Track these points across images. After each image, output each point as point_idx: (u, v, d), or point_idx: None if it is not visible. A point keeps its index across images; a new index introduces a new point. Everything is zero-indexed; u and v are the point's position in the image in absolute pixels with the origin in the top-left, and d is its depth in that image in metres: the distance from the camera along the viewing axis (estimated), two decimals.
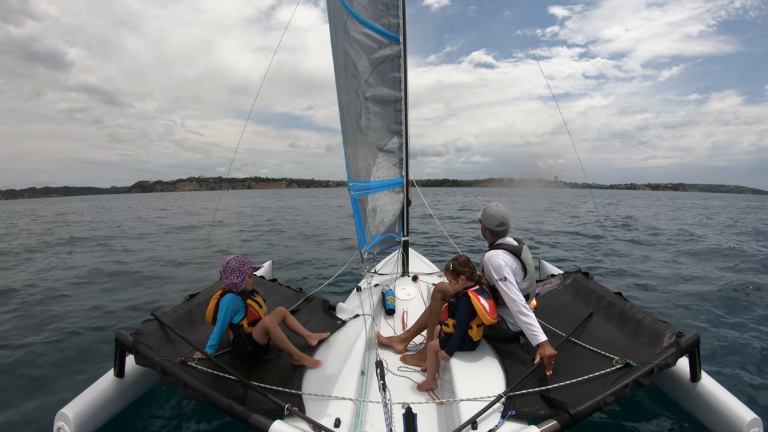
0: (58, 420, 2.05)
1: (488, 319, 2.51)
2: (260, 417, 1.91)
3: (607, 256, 8.75)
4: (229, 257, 2.69)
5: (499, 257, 2.63)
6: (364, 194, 3.78)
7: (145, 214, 25.09)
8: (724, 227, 14.78)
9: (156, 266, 7.94)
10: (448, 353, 2.52)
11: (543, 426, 1.83)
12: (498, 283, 2.56)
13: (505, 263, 2.60)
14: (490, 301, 2.59)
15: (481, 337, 2.66)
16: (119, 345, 2.35)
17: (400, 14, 4.03)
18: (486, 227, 2.86)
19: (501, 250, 2.70)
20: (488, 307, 2.53)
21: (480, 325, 2.60)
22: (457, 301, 2.59)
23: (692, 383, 2.32)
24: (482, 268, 2.76)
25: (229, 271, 2.62)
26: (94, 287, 6.24)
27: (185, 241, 11.62)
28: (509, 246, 2.74)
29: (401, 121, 4.29)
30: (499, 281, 2.56)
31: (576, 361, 2.46)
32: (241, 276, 2.62)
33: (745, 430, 1.98)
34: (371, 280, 4.16)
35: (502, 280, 2.55)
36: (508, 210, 2.86)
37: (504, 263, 2.60)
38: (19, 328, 4.34)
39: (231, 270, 2.62)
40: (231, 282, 2.62)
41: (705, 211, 24.71)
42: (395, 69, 4.11)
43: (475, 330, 2.59)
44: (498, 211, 2.81)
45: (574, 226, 14.19)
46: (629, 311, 2.84)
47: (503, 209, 2.83)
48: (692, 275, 6.75)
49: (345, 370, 2.42)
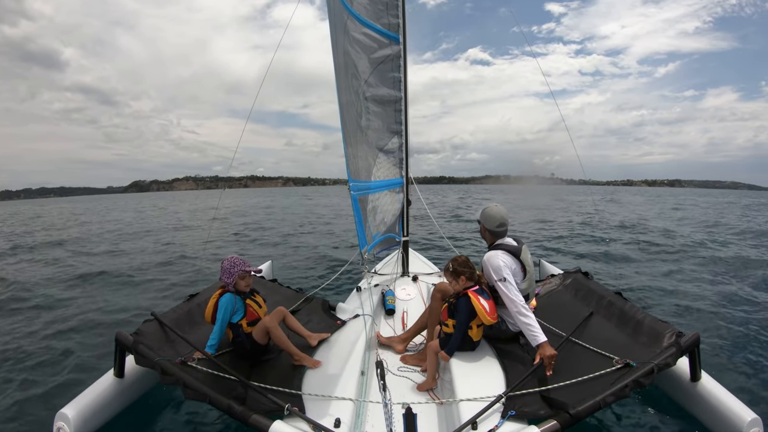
0: (57, 420, 2.05)
1: (488, 320, 2.51)
2: (260, 417, 1.91)
3: (625, 269, 7.43)
4: (227, 257, 2.70)
5: (498, 258, 2.63)
6: (365, 194, 3.78)
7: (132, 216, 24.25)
8: (741, 231, 12.90)
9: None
10: (448, 353, 2.52)
11: (543, 426, 1.83)
12: (497, 284, 2.56)
13: (504, 264, 2.60)
14: (490, 302, 2.59)
15: (480, 337, 2.66)
16: (119, 345, 2.35)
17: (400, 14, 4.03)
18: (485, 228, 2.85)
19: (500, 251, 2.69)
20: (488, 308, 2.53)
21: (480, 326, 2.60)
22: (457, 301, 2.59)
23: (692, 383, 2.32)
24: (482, 268, 2.76)
25: (222, 270, 2.66)
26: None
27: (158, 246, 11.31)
28: (508, 246, 2.73)
29: (401, 121, 4.29)
30: (499, 282, 2.55)
31: (576, 361, 2.46)
32: (230, 276, 2.64)
33: (745, 430, 1.98)
34: (371, 281, 4.16)
35: (502, 280, 2.55)
36: (506, 210, 2.86)
37: (503, 264, 2.60)
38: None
39: (223, 270, 2.66)
40: (225, 281, 2.66)
41: (711, 209, 23.79)
42: (395, 69, 4.11)
43: (474, 330, 2.59)
44: (497, 211, 2.81)
45: (581, 229, 13.25)
46: (629, 311, 2.84)
47: (502, 210, 2.83)
48: (740, 295, 5.58)
49: (345, 371, 2.42)
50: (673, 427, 2.42)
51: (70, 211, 32.65)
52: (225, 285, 2.68)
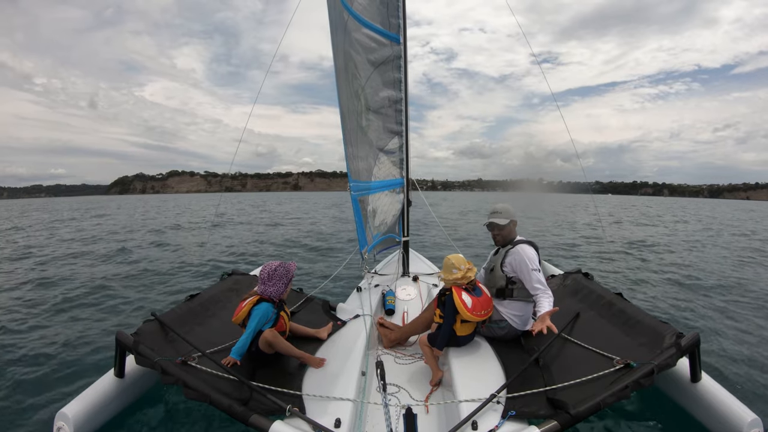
0: (58, 420, 2.05)
1: (468, 316, 2.54)
2: (260, 417, 1.91)
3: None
4: (275, 263, 2.63)
5: (530, 250, 2.75)
6: (365, 194, 3.79)
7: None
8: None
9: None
10: (438, 347, 2.59)
11: (543, 426, 1.83)
12: (532, 273, 2.64)
13: (535, 256, 2.75)
14: (475, 298, 2.59)
15: (468, 333, 2.68)
16: (119, 345, 2.35)
17: (400, 14, 4.03)
18: (515, 223, 2.91)
19: (525, 245, 2.79)
20: (470, 304, 2.55)
21: (464, 322, 2.62)
22: (447, 297, 2.65)
23: (692, 383, 2.32)
24: (500, 261, 2.81)
25: (277, 277, 2.57)
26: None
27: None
28: (529, 240, 2.85)
29: (401, 122, 4.30)
30: (534, 271, 2.64)
31: (576, 362, 2.46)
32: (283, 285, 2.59)
33: (746, 430, 1.98)
34: (371, 281, 4.16)
35: (537, 270, 2.66)
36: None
37: (535, 256, 2.74)
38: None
39: (276, 276, 2.57)
40: (275, 289, 2.57)
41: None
42: (395, 69, 4.12)
43: (459, 325, 2.62)
44: (512, 207, 2.92)
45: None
46: (629, 311, 2.84)
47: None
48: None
49: (345, 371, 2.42)
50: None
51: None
52: (266, 293, 2.57)
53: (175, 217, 22.58)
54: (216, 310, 3.16)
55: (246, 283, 3.76)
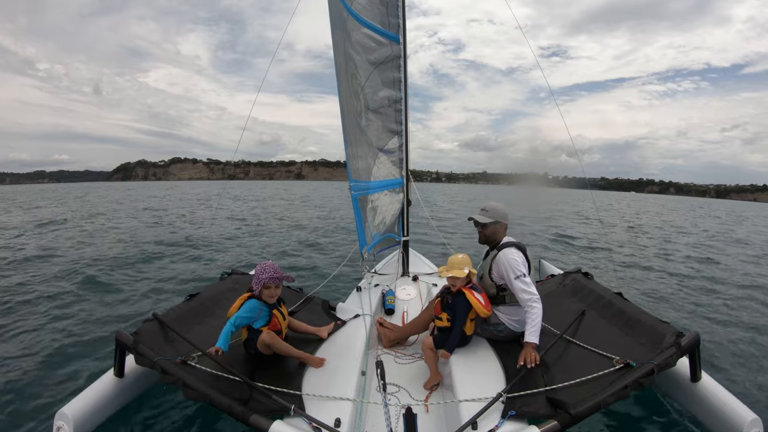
0: (57, 420, 2.05)
1: (484, 312, 2.55)
2: (260, 417, 1.91)
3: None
4: (264, 263, 2.65)
5: (514, 254, 2.64)
6: (365, 194, 3.78)
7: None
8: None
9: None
10: (448, 350, 2.53)
11: (543, 426, 1.83)
12: (515, 281, 2.54)
13: (522, 260, 2.64)
14: (483, 295, 2.64)
15: (473, 332, 2.69)
16: (119, 345, 2.34)
17: (400, 14, 4.03)
18: (504, 225, 2.82)
19: (513, 248, 2.69)
20: (482, 300, 2.58)
21: (473, 320, 2.63)
22: (454, 299, 2.61)
23: (692, 383, 2.32)
24: (488, 268, 2.75)
25: (256, 274, 2.59)
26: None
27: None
28: (517, 243, 2.75)
29: (401, 121, 4.29)
30: (517, 279, 2.54)
31: (576, 361, 2.46)
32: (257, 284, 2.59)
33: (746, 430, 1.98)
34: (371, 280, 4.16)
35: (521, 276, 2.55)
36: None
37: (521, 260, 2.63)
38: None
39: (256, 274, 2.59)
40: (255, 286, 2.60)
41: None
42: (395, 69, 4.11)
43: (468, 324, 2.62)
44: (504, 207, 2.81)
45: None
46: (629, 311, 2.84)
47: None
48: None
49: (345, 371, 2.42)
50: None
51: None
52: (252, 289, 2.61)
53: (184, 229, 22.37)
54: (216, 310, 3.16)
55: (245, 283, 3.75)
